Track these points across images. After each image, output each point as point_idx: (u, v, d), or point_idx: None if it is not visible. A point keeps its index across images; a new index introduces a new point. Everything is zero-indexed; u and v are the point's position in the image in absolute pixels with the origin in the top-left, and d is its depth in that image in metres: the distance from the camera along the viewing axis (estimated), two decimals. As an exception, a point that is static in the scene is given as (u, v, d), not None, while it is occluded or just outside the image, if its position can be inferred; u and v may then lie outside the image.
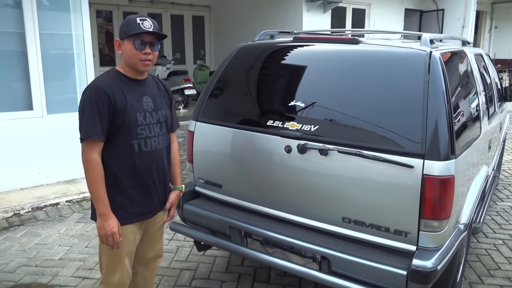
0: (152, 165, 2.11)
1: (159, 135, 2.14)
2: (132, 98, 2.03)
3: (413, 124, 2.16)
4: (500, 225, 4.19)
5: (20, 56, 4.69)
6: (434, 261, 2.10)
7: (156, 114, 2.12)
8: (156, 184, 2.16)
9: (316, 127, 2.39)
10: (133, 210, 2.10)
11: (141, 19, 1.99)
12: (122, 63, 2.08)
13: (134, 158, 2.04)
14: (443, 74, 2.23)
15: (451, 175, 2.11)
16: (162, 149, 2.16)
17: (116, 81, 2.01)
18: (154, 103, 2.12)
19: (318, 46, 2.70)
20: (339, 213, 2.37)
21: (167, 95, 2.27)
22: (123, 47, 2.00)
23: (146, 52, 1.99)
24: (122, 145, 2.01)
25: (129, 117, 2.00)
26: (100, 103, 1.92)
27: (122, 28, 2.00)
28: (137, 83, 2.08)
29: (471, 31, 11.44)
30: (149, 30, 1.97)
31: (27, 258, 3.45)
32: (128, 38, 1.96)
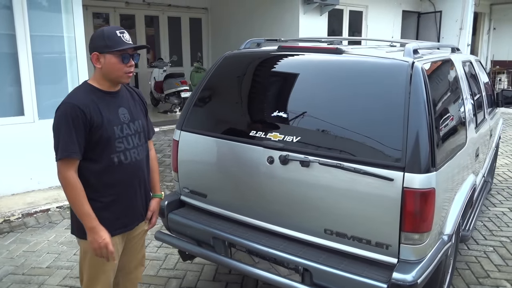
0: (134, 177, 2.11)
1: (138, 146, 2.14)
2: (108, 112, 2.01)
3: (393, 136, 2.15)
4: (491, 231, 4.17)
5: (11, 59, 4.67)
6: (414, 274, 2.09)
7: (133, 125, 2.12)
8: (138, 195, 2.16)
9: (298, 138, 2.38)
10: (116, 222, 2.09)
11: (120, 32, 1.99)
12: (95, 76, 2.05)
13: (115, 172, 2.03)
14: (425, 85, 2.21)
15: (432, 188, 2.10)
16: (142, 159, 2.16)
17: (90, 96, 1.99)
18: (130, 114, 2.12)
19: (302, 55, 2.68)
20: (321, 225, 2.36)
21: (142, 103, 2.27)
22: (104, 61, 1.97)
23: (131, 64, 2.01)
24: (101, 160, 2.00)
25: (106, 132, 1.99)
26: (76, 121, 1.90)
27: (101, 41, 1.97)
28: (111, 96, 2.07)
29: (469, 33, 11.41)
30: (132, 44, 1.99)
31: (15, 266, 3.44)
32: (112, 53, 1.96)
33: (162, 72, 10.28)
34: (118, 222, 2.10)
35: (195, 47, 11.89)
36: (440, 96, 2.53)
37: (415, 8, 11.95)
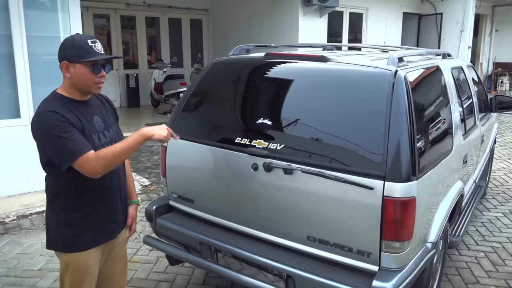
0: (113, 186, 2.08)
1: None
2: (85, 120, 1.96)
3: (375, 145, 2.16)
4: (484, 236, 4.17)
5: (7, 60, 4.69)
6: (394, 282, 2.10)
7: (108, 133, 2.07)
8: (118, 203, 2.14)
9: (281, 146, 2.40)
10: (99, 232, 2.05)
11: (92, 41, 1.91)
12: (64, 85, 1.97)
13: (95, 182, 1.95)
14: (407, 94, 2.22)
15: (412, 196, 2.11)
16: (120, 167, 2.13)
17: (65, 105, 1.91)
18: (104, 122, 2.07)
19: (288, 63, 2.70)
20: (304, 232, 2.38)
21: (112, 110, 2.23)
22: (74, 70, 1.90)
23: (102, 75, 1.95)
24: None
25: (89, 139, 1.92)
26: (62, 124, 1.82)
27: (71, 50, 1.89)
28: (84, 105, 2.00)
29: (470, 35, 11.39)
30: (104, 55, 1.92)
31: (7, 268, 3.48)
32: (83, 63, 1.88)
33: (162, 74, 10.34)
34: (100, 232, 2.06)
35: (195, 49, 11.94)
36: (424, 104, 2.54)
37: (416, 10, 11.94)
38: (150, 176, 5.74)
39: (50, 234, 2.03)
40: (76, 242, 1.98)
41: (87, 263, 2.02)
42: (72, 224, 1.97)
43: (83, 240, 1.99)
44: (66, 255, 2.01)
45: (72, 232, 1.97)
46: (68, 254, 2.00)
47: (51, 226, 2.02)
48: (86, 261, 2.02)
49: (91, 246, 2.02)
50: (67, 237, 1.99)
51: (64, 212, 1.97)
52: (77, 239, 1.98)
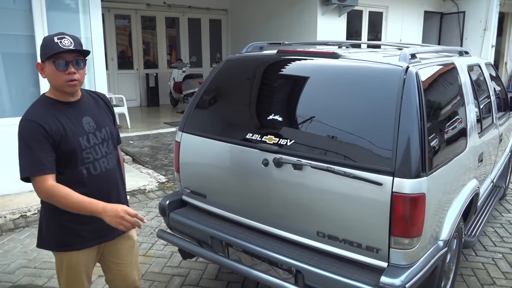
0: (105, 188, 2.03)
1: (107, 154, 2.05)
2: (70, 123, 1.92)
3: (384, 141, 2.16)
4: (502, 238, 4.09)
5: (30, 59, 4.85)
6: (403, 279, 2.09)
7: (100, 133, 2.02)
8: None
9: (292, 142, 2.42)
10: (91, 234, 2.03)
11: (59, 38, 1.84)
12: (51, 88, 1.94)
13: (85, 184, 1.94)
14: (418, 90, 2.21)
15: (422, 193, 2.10)
16: (113, 168, 2.08)
17: (49, 109, 1.89)
18: (96, 122, 2.02)
19: (300, 60, 2.71)
20: (314, 227, 2.39)
21: (108, 109, 2.16)
22: (46, 70, 1.86)
23: (70, 71, 1.84)
24: (70, 173, 1.92)
25: (71, 144, 1.90)
26: (35, 137, 1.81)
27: (41, 50, 1.87)
28: (72, 106, 1.95)
29: (494, 34, 11.12)
30: (69, 48, 1.82)
31: (28, 259, 3.60)
32: (48, 60, 1.83)
33: (181, 73, 10.46)
34: (92, 234, 2.03)
35: (214, 48, 12.03)
36: (436, 101, 2.52)
37: (437, 9, 11.74)
38: (167, 173, 5.82)
39: (42, 234, 2.05)
40: (67, 242, 2.00)
41: (79, 262, 2.05)
42: (63, 225, 1.97)
43: (73, 240, 2.00)
44: (58, 254, 2.06)
45: (63, 232, 1.99)
46: (60, 253, 2.04)
47: (44, 225, 2.04)
48: (78, 260, 2.04)
49: (81, 247, 2.02)
50: (59, 237, 2.00)
51: (55, 212, 1.94)
52: (68, 239, 1.99)
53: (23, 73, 4.88)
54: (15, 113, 4.79)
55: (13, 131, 4.59)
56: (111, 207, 1.82)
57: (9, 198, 4.67)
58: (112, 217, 1.80)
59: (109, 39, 10.19)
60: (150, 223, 4.33)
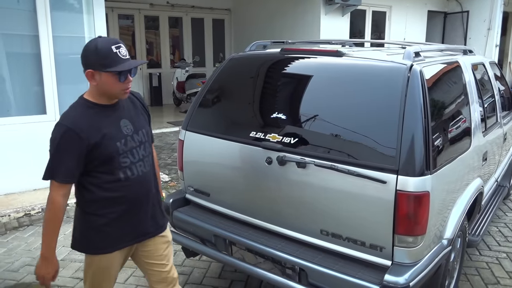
0: (141, 191, 2.00)
1: (144, 157, 2.01)
2: (109, 127, 1.89)
3: (388, 139, 2.16)
4: (506, 237, 4.08)
5: (34, 59, 4.86)
6: (407, 277, 2.09)
7: (138, 136, 1.99)
8: (146, 208, 2.05)
9: (295, 140, 2.42)
10: (121, 237, 2.00)
11: (116, 47, 1.80)
12: (91, 91, 1.90)
13: (122, 188, 1.92)
14: (423, 88, 2.21)
15: (426, 191, 2.09)
16: (149, 171, 2.04)
17: (88, 114, 1.86)
18: (133, 124, 1.99)
19: (304, 58, 2.71)
20: (317, 226, 2.39)
21: (144, 109, 2.13)
22: (101, 79, 1.82)
23: (128, 81, 1.87)
24: (107, 177, 1.90)
25: (109, 148, 1.87)
26: (67, 145, 1.79)
27: (95, 58, 1.80)
28: (110, 109, 1.93)
29: (498, 33, 11.08)
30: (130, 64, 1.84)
31: (31, 257, 3.61)
32: (109, 72, 1.80)
33: (184, 73, 10.48)
34: (122, 237, 2.00)
35: (217, 48, 12.04)
36: (440, 99, 2.51)
37: (441, 8, 11.70)
38: (171, 172, 5.83)
39: (76, 236, 2.04)
40: (100, 246, 1.97)
41: (108, 265, 2.02)
42: (97, 229, 1.95)
43: (106, 244, 1.97)
44: (89, 257, 2.03)
45: (97, 237, 1.96)
46: (91, 256, 2.01)
47: (78, 228, 2.02)
48: (107, 263, 2.02)
49: (113, 250, 1.99)
50: (92, 241, 1.98)
51: (90, 217, 1.94)
52: (101, 243, 1.96)
53: (27, 73, 4.89)
54: (19, 113, 4.82)
55: (17, 130, 4.68)
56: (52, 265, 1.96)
57: (13, 197, 4.69)
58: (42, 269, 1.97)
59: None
60: (153, 222, 4.33)
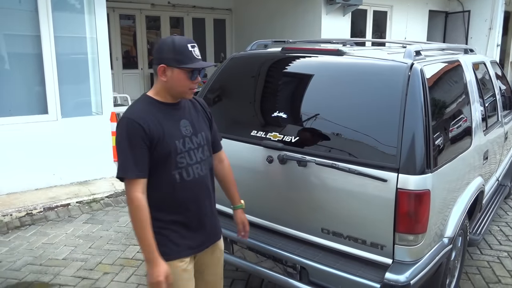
0: (197, 195, 1.93)
1: (201, 161, 1.95)
2: (169, 125, 1.86)
3: (389, 138, 2.16)
4: (507, 236, 4.08)
5: (36, 59, 4.88)
6: (408, 275, 2.10)
7: (196, 138, 1.94)
8: (204, 213, 1.98)
9: (296, 139, 2.42)
10: (182, 243, 1.92)
11: (192, 46, 1.82)
12: (156, 88, 1.89)
13: (177, 190, 1.87)
14: (423, 87, 2.21)
15: (426, 189, 2.10)
16: (206, 175, 1.97)
17: (151, 110, 1.84)
18: (193, 126, 1.95)
19: (304, 57, 2.72)
20: (318, 224, 2.39)
21: (206, 114, 2.08)
22: (171, 74, 1.82)
23: (197, 81, 1.86)
24: (162, 177, 1.85)
25: (167, 146, 1.83)
26: (134, 138, 1.77)
27: (170, 54, 1.80)
28: (172, 108, 1.91)
29: (499, 33, 11.07)
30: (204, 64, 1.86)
31: (33, 257, 3.62)
32: (182, 68, 1.80)
33: (185, 72, 10.46)
34: (184, 243, 1.93)
35: (218, 48, 12.04)
36: (441, 98, 2.52)
37: (442, 8, 11.70)
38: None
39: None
40: (161, 252, 1.84)
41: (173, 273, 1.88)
42: (162, 234, 1.87)
43: (167, 249, 1.88)
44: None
45: (162, 241, 1.86)
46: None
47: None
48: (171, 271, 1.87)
49: (174, 258, 1.90)
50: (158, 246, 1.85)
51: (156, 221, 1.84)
52: (162, 248, 1.85)
53: (28, 73, 4.91)
54: (21, 112, 4.84)
55: (19, 129, 4.70)
56: (158, 268, 1.77)
57: (15, 196, 4.70)
58: (151, 274, 1.78)
59: (114, 39, 10.21)
60: (155, 221, 4.34)
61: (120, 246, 3.82)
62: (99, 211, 4.60)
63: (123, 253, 3.68)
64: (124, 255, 3.65)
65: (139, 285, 3.22)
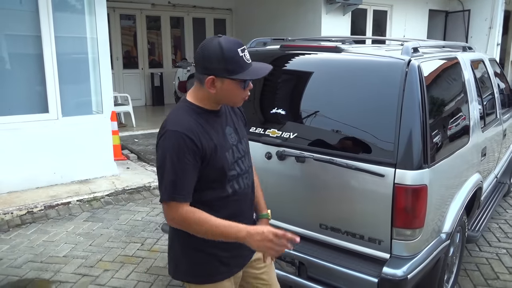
0: (244, 206, 1.76)
1: (248, 169, 1.78)
2: (218, 136, 1.64)
3: (386, 133, 2.18)
4: (506, 233, 4.09)
5: (37, 59, 4.90)
6: (405, 270, 2.12)
7: (242, 145, 1.75)
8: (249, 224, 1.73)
9: (295, 135, 2.44)
10: (231, 261, 1.74)
11: (242, 49, 1.58)
12: (199, 95, 1.64)
13: (229, 203, 1.68)
14: (420, 83, 2.23)
15: (424, 184, 2.12)
16: (252, 184, 1.80)
17: (196, 119, 1.60)
18: (237, 133, 1.75)
19: (303, 54, 2.73)
20: (317, 220, 2.41)
21: (243, 116, 1.91)
22: (221, 86, 1.57)
23: (250, 88, 1.66)
24: (215, 192, 1.65)
25: (220, 160, 1.62)
26: (183, 154, 1.52)
27: (220, 63, 1.54)
28: (215, 115, 1.68)
29: (499, 32, 11.08)
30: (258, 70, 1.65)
31: (34, 254, 3.64)
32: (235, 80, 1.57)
33: (186, 72, 10.50)
34: (233, 261, 1.74)
35: (219, 48, 12.06)
36: (439, 94, 2.53)
37: (442, 7, 11.72)
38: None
39: (177, 263, 1.75)
40: (210, 272, 1.70)
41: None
42: (205, 252, 1.68)
43: (216, 270, 1.71)
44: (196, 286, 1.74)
45: (206, 262, 1.69)
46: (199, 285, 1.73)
47: (180, 253, 1.73)
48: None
49: (224, 277, 1.72)
50: (200, 267, 1.70)
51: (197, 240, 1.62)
52: (211, 269, 1.70)
53: (29, 73, 4.93)
54: (22, 111, 4.86)
55: (20, 128, 4.72)
56: (256, 230, 1.52)
57: (16, 195, 4.72)
58: (259, 241, 1.49)
59: (115, 39, 10.25)
60: (155, 219, 4.36)
61: (121, 243, 3.83)
62: (99, 209, 4.62)
63: (123, 251, 3.70)
64: (124, 252, 3.67)
65: (139, 282, 3.23)
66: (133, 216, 4.46)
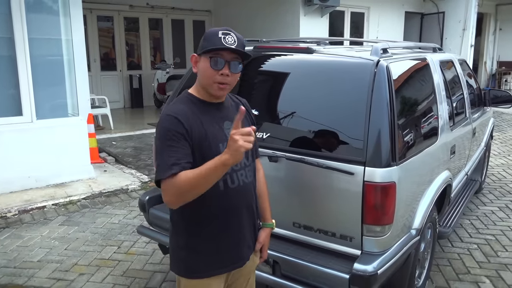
0: (241, 204, 1.76)
1: (246, 166, 1.77)
2: (212, 126, 1.67)
3: (355, 132, 2.23)
4: (477, 229, 4.20)
5: (9, 61, 4.83)
6: (375, 265, 2.16)
7: None
8: (245, 225, 1.81)
9: (268, 135, 2.47)
10: (221, 259, 1.77)
11: (223, 33, 1.64)
12: (196, 84, 1.74)
13: (220, 198, 1.69)
14: (389, 83, 2.28)
15: (392, 181, 2.17)
16: (250, 182, 1.80)
17: (191, 108, 1.66)
18: None
19: (275, 55, 2.77)
20: (290, 218, 2.44)
21: (250, 116, 1.90)
22: (199, 64, 1.67)
23: (223, 72, 1.62)
24: None
25: (210, 149, 1.63)
26: (173, 134, 1.57)
27: (201, 41, 1.67)
28: (215, 107, 1.72)
29: (472, 34, 11.37)
30: (230, 47, 1.61)
31: (7, 259, 3.57)
32: (205, 54, 1.63)
33: (165, 74, 10.46)
34: (223, 259, 1.77)
35: (198, 49, 12.05)
36: (407, 94, 2.60)
37: (418, 9, 11.95)
38: (150, 173, 5.82)
39: (173, 257, 1.84)
40: (197, 268, 1.75)
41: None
42: (192, 248, 1.75)
43: (204, 266, 1.75)
44: (185, 280, 1.79)
45: (192, 257, 1.75)
46: (188, 279, 1.78)
47: (174, 248, 1.82)
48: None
49: (212, 274, 1.76)
50: (188, 262, 1.77)
51: (183, 233, 1.74)
52: (198, 264, 1.75)
53: (2, 75, 4.85)
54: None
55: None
56: (226, 149, 1.45)
57: (-11, 200, 4.63)
58: (234, 151, 1.43)
59: (92, 40, 10.15)
60: (132, 222, 4.34)
61: (97, 247, 3.80)
62: (75, 213, 4.56)
63: (99, 254, 3.67)
64: (100, 256, 3.64)
65: (115, 285, 3.21)
66: (110, 219, 4.42)
